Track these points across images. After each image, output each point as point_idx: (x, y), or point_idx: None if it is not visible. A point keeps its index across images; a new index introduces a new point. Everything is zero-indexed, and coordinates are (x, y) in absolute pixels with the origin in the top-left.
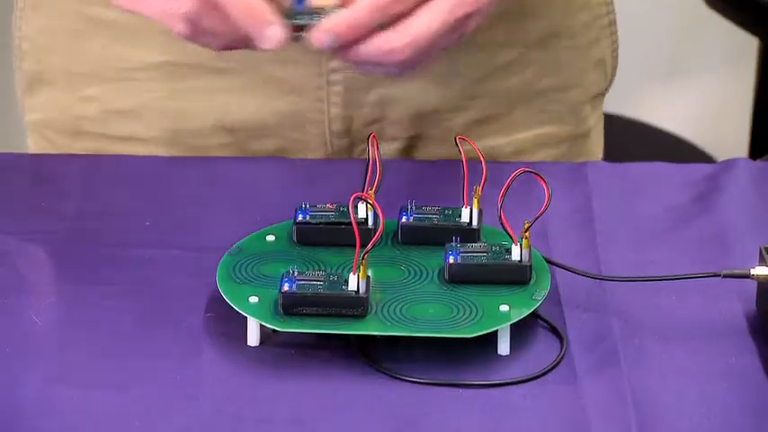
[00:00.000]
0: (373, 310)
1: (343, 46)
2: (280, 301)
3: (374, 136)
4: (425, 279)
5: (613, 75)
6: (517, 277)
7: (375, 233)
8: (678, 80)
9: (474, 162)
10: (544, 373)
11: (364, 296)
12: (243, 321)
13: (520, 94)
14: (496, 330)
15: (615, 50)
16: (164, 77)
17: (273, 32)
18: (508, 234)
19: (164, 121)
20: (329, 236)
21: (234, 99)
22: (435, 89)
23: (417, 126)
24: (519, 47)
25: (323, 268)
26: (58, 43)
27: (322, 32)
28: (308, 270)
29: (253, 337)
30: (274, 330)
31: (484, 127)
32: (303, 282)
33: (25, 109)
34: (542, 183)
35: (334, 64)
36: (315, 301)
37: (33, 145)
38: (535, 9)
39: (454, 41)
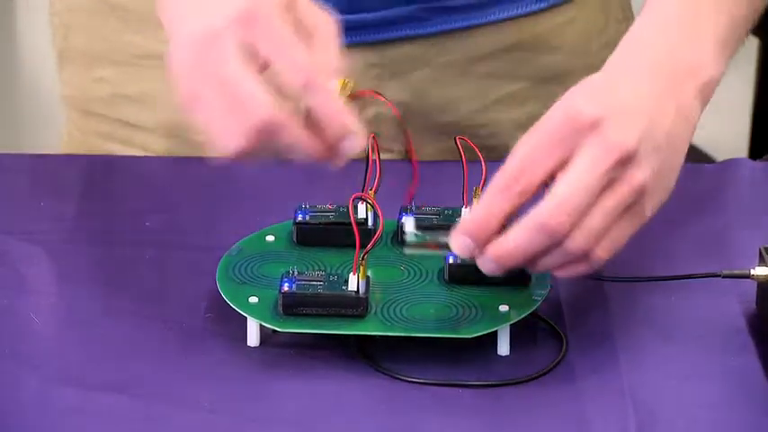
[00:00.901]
0: (373, 311)
1: (503, 254)
2: (280, 302)
3: (374, 136)
4: (425, 279)
5: None
6: (517, 277)
7: (375, 233)
8: None
9: (474, 162)
10: (544, 373)
11: (364, 296)
12: (243, 321)
13: (524, 128)
14: (496, 330)
15: None
16: None
17: (353, 142)
18: None
19: (166, 111)
20: (329, 236)
21: None
22: (428, 113)
23: (413, 141)
24: (524, 80)
25: (323, 268)
26: (78, 22)
27: (458, 236)
28: (307, 270)
29: (252, 338)
30: (274, 330)
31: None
32: (303, 282)
33: (60, 83)
34: None
35: None
36: (315, 301)
37: (64, 122)
38: (549, 44)
39: (625, 198)
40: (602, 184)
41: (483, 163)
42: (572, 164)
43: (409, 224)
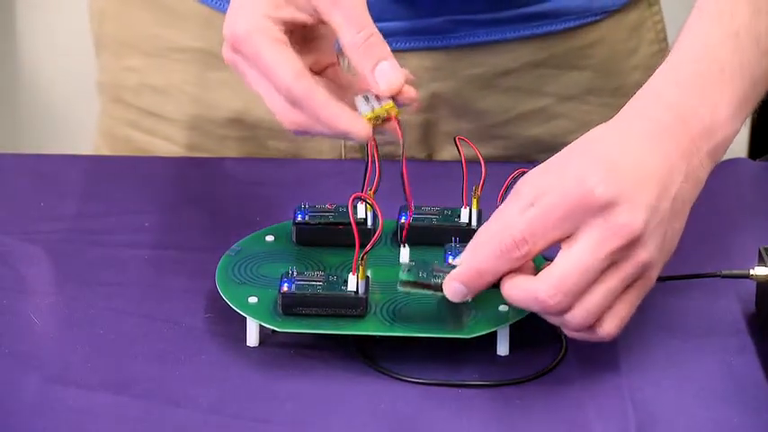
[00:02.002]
0: (372, 311)
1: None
2: (279, 302)
3: (373, 138)
4: None
5: None
6: None
7: (374, 233)
8: None
9: (474, 163)
10: (544, 373)
11: (363, 296)
12: (242, 322)
13: (545, 144)
14: (496, 331)
15: None
16: (195, 63)
17: (355, 136)
18: None
19: (189, 105)
20: (328, 236)
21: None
22: (448, 120)
23: (429, 147)
24: (549, 97)
25: (322, 268)
26: (112, 10)
27: (450, 282)
28: (307, 270)
29: (252, 338)
30: (273, 331)
31: None
32: (302, 282)
33: (97, 69)
34: None
35: None
36: (314, 301)
37: (98, 107)
38: (577, 62)
39: (629, 276)
40: (605, 266)
41: (482, 163)
42: (575, 242)
43: (404, 255)
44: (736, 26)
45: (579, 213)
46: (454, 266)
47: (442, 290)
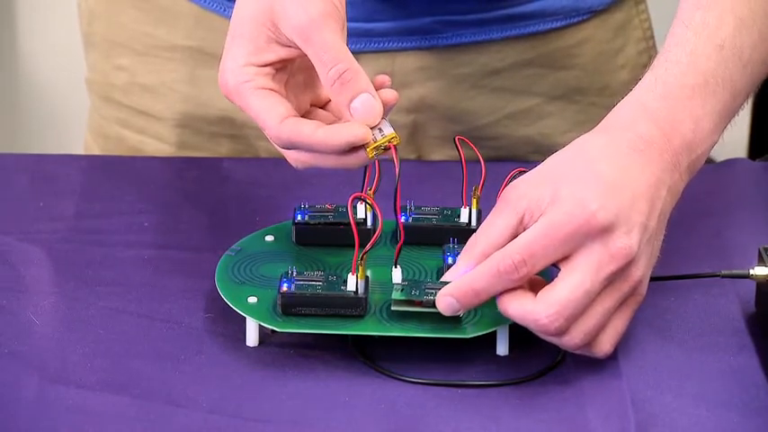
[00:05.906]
0: (372, 311)
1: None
2: (279, 302)
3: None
4: (424, 279)
5: None
6: None
7: (374, 233)
8: None
9: (474, 162)
10: (544, 373)
11: (363, 296)
12: (242, 322)
13: (535, 144)
14: (495, 331)
15: None
16: (185, 61)
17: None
18: None
19: (179, 103)
20: (328, 236)
21: None
22: (437, 121)
23: (418, 149)
24: (538, 96)
25: (322, 268)
26: (101, 9)
27: (444, 297)
28: (306, 270)
29: (251, 338)
30: (273, 330)
31: None
32: (302, 282)
33: (86, 67)
34: None
35: None
36: (313, 301)
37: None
38: (565, 61)
39: (623, 295)
40: (602, 288)
41: (482, 163)
42: (575, 265)
43: (396, 276)
44: (720, 39)
45: (581, 236)
46: (447, 283)
47: (434, 306)
